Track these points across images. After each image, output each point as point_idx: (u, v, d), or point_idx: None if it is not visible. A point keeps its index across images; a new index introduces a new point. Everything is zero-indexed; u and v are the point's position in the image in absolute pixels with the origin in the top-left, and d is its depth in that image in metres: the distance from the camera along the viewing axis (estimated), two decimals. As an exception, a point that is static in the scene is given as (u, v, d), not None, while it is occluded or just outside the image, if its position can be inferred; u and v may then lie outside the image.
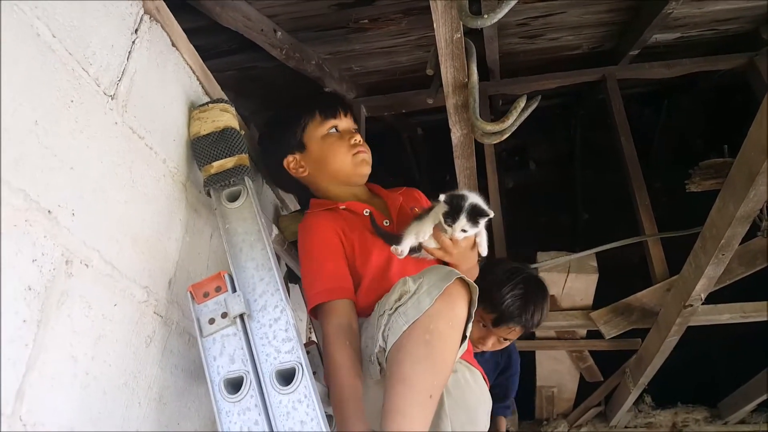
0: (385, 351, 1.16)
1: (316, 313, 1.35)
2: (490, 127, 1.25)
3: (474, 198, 1.33)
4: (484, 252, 1.43)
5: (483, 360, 2.07)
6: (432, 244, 1.38)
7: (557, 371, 2.84)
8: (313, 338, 1.63)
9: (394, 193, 1.62)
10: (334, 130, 1.60)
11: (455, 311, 1.14)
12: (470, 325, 1.18)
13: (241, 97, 2.48)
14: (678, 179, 2.26)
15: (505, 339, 1.89)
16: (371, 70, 2.46)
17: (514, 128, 1.28)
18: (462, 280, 1.16)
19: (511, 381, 2.25)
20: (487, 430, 1.38)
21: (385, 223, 1.50)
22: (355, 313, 1.32)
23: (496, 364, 2.22)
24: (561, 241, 2.33)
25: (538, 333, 2.57)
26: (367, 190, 1.65)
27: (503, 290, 1.80)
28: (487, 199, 2.55)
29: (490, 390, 1.62)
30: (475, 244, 1.42)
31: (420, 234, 1.35)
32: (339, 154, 1.56)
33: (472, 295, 1.18)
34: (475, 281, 1.64)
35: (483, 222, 1.32)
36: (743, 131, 1.43)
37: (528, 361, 2.84)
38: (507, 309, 1.79)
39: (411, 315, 1.12)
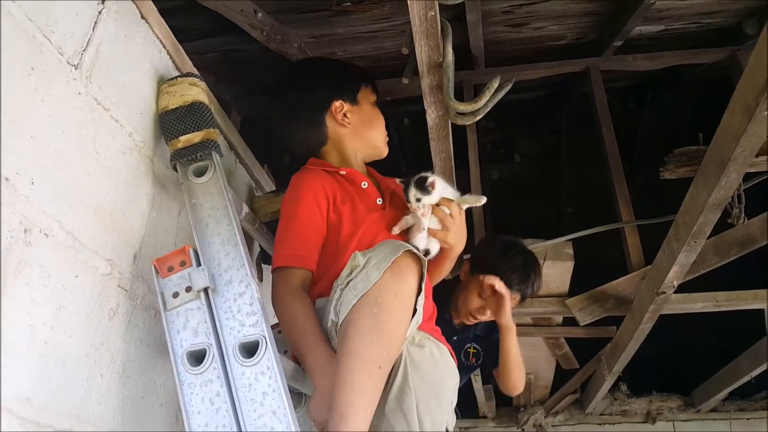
0: (337, 325, 1.17)
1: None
2: (463, 107, 1.25)
3: (426, 174, 1.42)
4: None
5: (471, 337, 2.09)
6: (434, 225, 1.43)
7: (534, 358, 2.86)
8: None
9: (388, 179, 1.64)
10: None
11: (404, 283, 1.14)
12: (421, 297, 1.18)
13: (223, 81, 2.46)
14: (660, 174, 2.28)
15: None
16: (355, 56, 2.45)
17: (487, 109, 1.27)
18: (411, 252, 1.16)
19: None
20: (454, 404, 1.39)
21: (378, 201, 1.51)
22: (308, 284, 1.34)
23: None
24: (545, 233, 2.34)
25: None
26: (367, 170, 1.67)
27: (504, 260, 1.88)
28: (467, 187, 2.58)
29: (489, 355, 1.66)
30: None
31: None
32: (381, 126, 1.66)
33: (423, 268, 1.18)
34: (473, 252, 1.65)
35: (436, 188, 1.39)
36: (725, 125, 1.44)
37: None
38: (509, 278, 1.84)
39: (360, 288, 1.13)
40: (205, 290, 1.08)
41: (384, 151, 1.69)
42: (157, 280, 1.10)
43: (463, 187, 2.54)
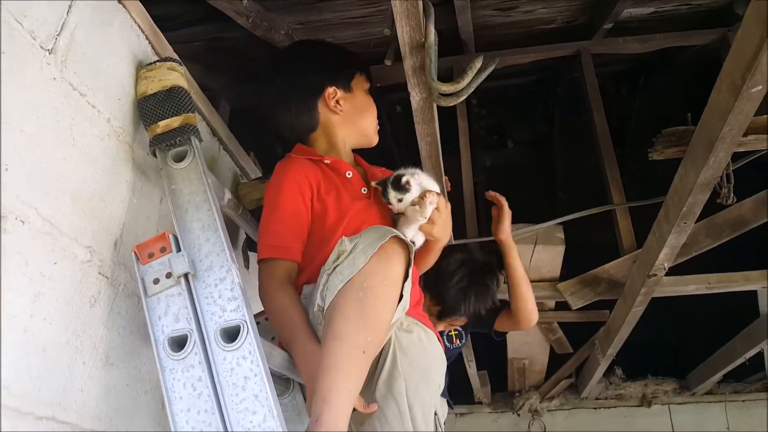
0: (323, 310, 1.16)
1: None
2: (446, 88, 1.23)
3: (401, 171, 1.42)
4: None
5: None
6: (420, 219, 1.41)
7: (527, 343, 2.87)
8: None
9: (374, 168, 1.63)
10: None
11: (390, 269, 1.14)
12: (408, 283, 1.18)
13: (211, 70, 2.44)
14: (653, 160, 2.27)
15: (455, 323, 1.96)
16: (343, 42, 2.42)
17: (470, 89, 1.26)
18: (398, 238, 1.16)
19: None
20: (441, 389, 1.39)
21: (363, 191, 1.50)
22: (294, 275, 1.35)
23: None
24: (538, 220, 2.33)
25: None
26: (353, 158, 1.66)
27: (448, 284, 1.94)
28: (458, 179, 2.57)
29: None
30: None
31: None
32: (373, 114, 1.65)
33: (410, 254, 1.18)
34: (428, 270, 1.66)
35: (413, 184, 1.39)
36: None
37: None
38: (449, 302, 1.93)
39: (346, 273, 1.12)
40: (186, 276, 1.07)
41: (374, 140, 1.67)
42: (137, 266, 1.09)
43: (455, 174, 2.55)
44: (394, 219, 1.47)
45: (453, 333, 2.16)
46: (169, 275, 1.07)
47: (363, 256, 1.13)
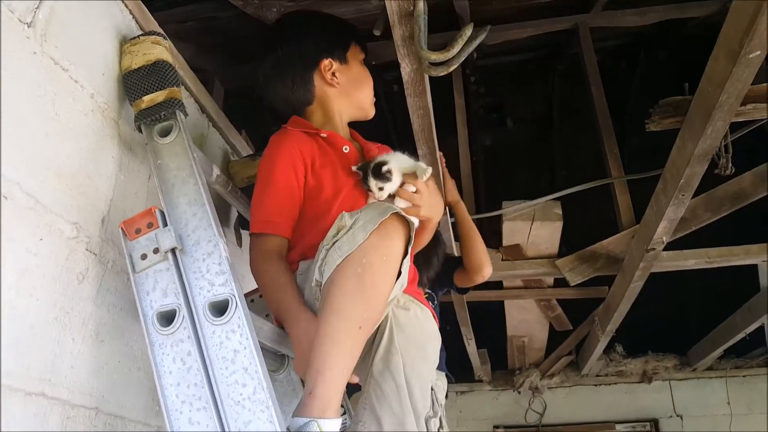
0: (321, 285, 1.15)
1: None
2: (435, 57, 1.20)
3: (383, 158, 1.38)
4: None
5: None
6: (401, 203, 1.37)
7: (526, 321, 2.86)
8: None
9: (370, 144, 1.60)
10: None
11: (390, 246, 1.12)
12: (407, 260, 1.17)
13: (203, 51, 2.41)
14: (654, 135, 2.24)
15: None
16: (337, 18, 2.40)
17: (461, 58, 1.23)
18: (399, 215, 1.14)
19: None
20: (437, 366, 1.39)
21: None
22: (284, 250, 1.34)
23: None
24: (538, 198, 2.32)
25: (506, 283, 2.57)
26: (349, 133, 1.63)
27: None
28: (456, 158, 2.54)
29: None
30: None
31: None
32: (369, 86, 1.61)
33: (411, 231, 1.16)
34: None
35: (395, 172, 1.35)
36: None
37: (497, 311, 2.86)
38: None
39: (345, 249, 1.11)
40: (173, 251, 1.06)
41: (370, 113, 1.64)
42: (124, 242, 1.08)
43: (453, 153, 2.53)
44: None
45: (425, 295, 2.14)
46: (156, 251, 1.05)
47: (363, 231, 1.11)
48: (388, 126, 3.48)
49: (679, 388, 3.62)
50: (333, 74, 1.53)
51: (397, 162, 1.38)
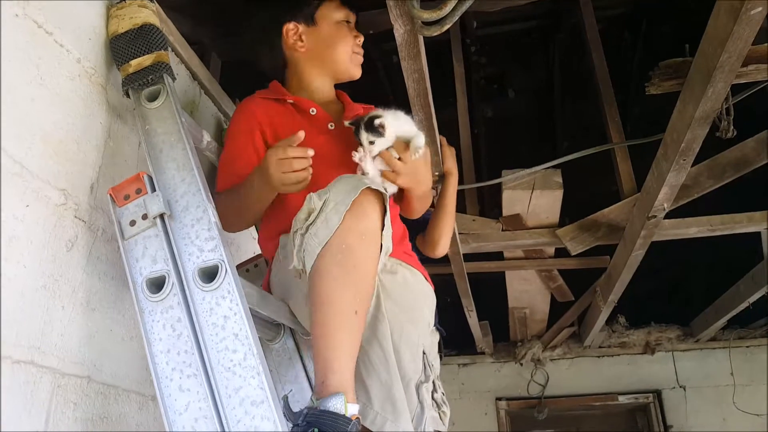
0: (302, 272, 1.14)
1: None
2: (428, 15, 1.16)
3: (379, 111, 1.33)
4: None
5: None
6: (380, 165, 1.34)
7: (527, 292, 2.85)
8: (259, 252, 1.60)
9: (357, 105, 1.56)
10: (346, 22, 1.55)
11: (366, 223, 1.10)
12: (386, 231, 1.14)
13: (200, 25, 2.37)
14: (657, 105, 2.20)
15: None
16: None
17: (455, 17, 1.19)
18: (369, 189, 1.11)
19: None
20: (431, 327, 1.38)
21: (329, 126, 1.45)
22: None
23: None
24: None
25: (507, 253, 2.56)
26: (335, 95, 1.59)
27: None
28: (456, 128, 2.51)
29: None
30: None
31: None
32: (346, 45, 1.53)
33: (384, 201, 1.13)
34: None
35: (388, 128, 1.29)
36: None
37: (498, 282, 2.85)
38: None
39: (322, 236, 1.08)
40: (162, 217, 1.04)
41: (353, 72, 1.56)
42: (113, 209, 1.07)
43: (452, 122, 2.50)
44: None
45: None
46: (145, 217, 1.04)
47: (336, 214, 1.08)
48: (389, 98, 3.44)
49: (682, 359, 3.62)
50: (300, 38, 1.50)
51: (395, 120, 1.33)
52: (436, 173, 1.76)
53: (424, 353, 1.29)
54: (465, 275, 2.45)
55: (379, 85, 3.34)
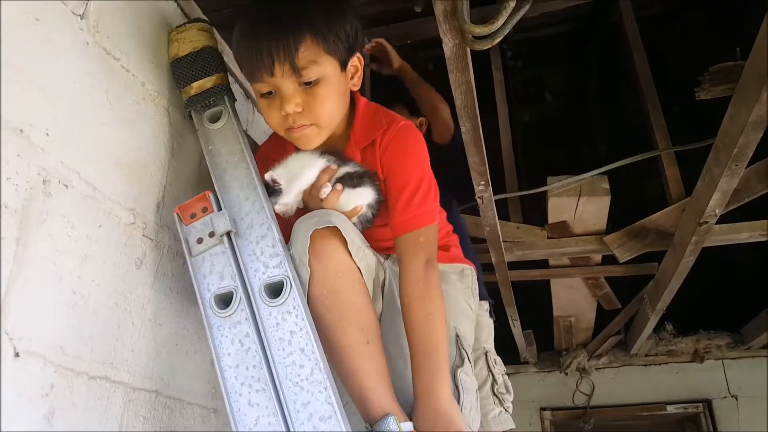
0: None
1: None
2: (479, 30, 1.18)
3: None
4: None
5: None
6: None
7: (574, 300, 2.81)
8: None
9: (359, 144, 1.29)
10: (268, 92, 1.18)
11: (333, 262, 1.09)
12: (357, 250, 1.13)
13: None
14: (697, 103, 2.16)
15: None
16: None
17: (505, 31, 1.20)
18: (317, 230, 1.08)
19: None
20: (464, 309, 1.39)
21: None
22: None
23: None
24: (581, 173, 2.25)
25: (552, 261, 2.54)
26: (349, 121, 1.31)
27: None
28: (496, 129, 2.50)
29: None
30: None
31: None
32: (272, 123, 1.22)
33: (342, 232, 1.10)
34: None
35: (290, 188, 1.18)
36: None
37: (543, 290, 2.82)
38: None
39: (302, 291, 1.07)
40: (228, 234, 1.07)
41: (299, 145, 1.24)
42: (180, 227, 1.10)
43: (492, 129, 2.49)
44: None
45: None
46: (211, 234, 1.07)
47: (303, 267, 1.07)
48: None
49: (733, 368, 3.51)
50: None
51: (285, 169, 1.20)
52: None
53: (457, 336, 1.27)
54: (509, 284, 2.44)
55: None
